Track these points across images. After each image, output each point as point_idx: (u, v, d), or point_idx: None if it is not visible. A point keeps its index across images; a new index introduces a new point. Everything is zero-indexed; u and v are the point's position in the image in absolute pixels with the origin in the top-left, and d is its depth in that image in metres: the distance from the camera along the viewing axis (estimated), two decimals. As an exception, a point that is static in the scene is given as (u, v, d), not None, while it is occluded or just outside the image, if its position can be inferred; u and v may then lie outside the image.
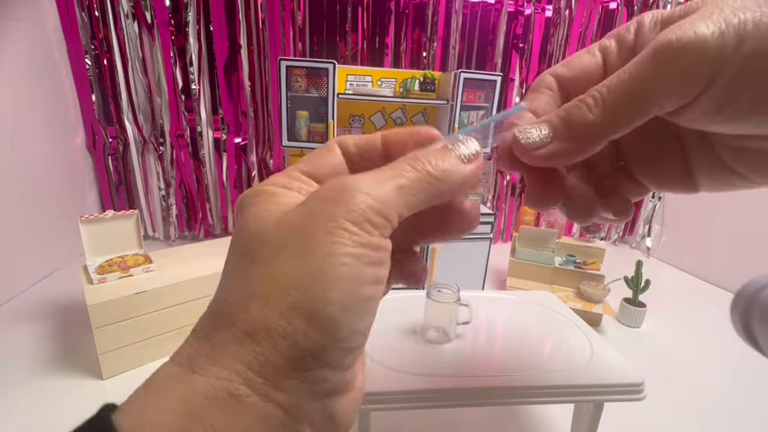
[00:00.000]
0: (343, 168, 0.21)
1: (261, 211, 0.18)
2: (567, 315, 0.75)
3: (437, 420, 0.85)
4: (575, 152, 0.20)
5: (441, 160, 0.19)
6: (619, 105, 0.18)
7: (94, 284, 0.96)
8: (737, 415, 0.93)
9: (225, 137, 1.77)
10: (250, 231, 0.17)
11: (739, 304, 0.32)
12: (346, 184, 0.17)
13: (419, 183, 0.18)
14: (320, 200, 0.17)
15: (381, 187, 0.17)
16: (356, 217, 0.16)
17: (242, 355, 0.15)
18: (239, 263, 0.17)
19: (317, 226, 0.16)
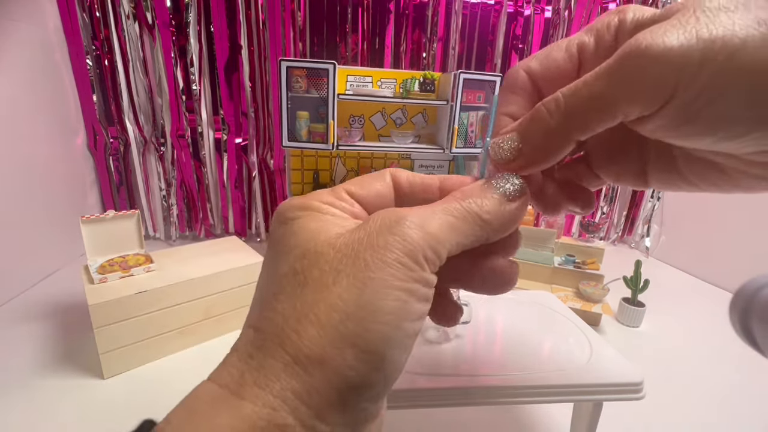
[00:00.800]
0: (389, 198, 0.21)
1: (310, 226, 0.17)
2: (566, 314, 0.76)
3: (437, 419, 0.85)
4: (545, 160, 0.19)
5: (488, 199, 0.19)
6: (579, 111, 0.17)
7: (95, 284, 0.96)
8: (737, 414, 0.93)
9: (226, 137, 1.77)
10: (301, 246, 0.17)
11: (738, 303, 0.32)
12: (403, 215, 0.17)
13: (467, 222, 0.18)
14: (377, 228, 0.16)
15: (434, 221, 0.17)
16: (412, 250, 0.16)
17: (292, 384, 0.14)
18: (290, 280, 0.16)
19: (374, 255, 0.16)
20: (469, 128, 1.42)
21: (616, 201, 2.17)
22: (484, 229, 0.18)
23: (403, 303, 0.16)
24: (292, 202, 0.19)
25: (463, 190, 0.19)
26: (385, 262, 0.16)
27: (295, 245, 0.17)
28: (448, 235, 0.17)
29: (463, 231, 0.18)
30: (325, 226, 0.17)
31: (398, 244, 0.16)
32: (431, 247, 0.16)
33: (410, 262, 0.16)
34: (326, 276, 0.16)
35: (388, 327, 0.15)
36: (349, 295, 0.15)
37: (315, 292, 0.16)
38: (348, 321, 0.15)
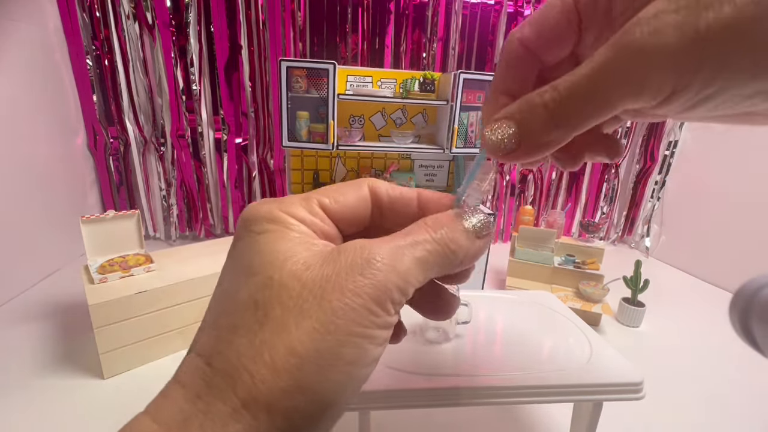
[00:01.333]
0: (365, 212, 0.20)
1: (277, 246, 0.16)
2: (566, 314, 0.76)
3: (437, 419, 0.85)
4: (541, 153, 0.18)
5: (458, 233, 0.18)
6: (578, 107, 0.16)
7: (95, 284, 0.96)
8: (736, 414, 0.93)
9: (226, 137, 1.77)
10: (264, 273, 0.16)
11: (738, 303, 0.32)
12: (374, 255, 0.16)
13: (437, 255, 0.18)
14: (347, 267, 0.16)
15: (404, 260, 0.16)
16: (380, 295, 0.15)
17: (237, 428, 0.14)
18: (249, 314, 0.15)
19: (342, 298, 0.15)
20: (469, 128, 1.42)
21: (616, 201, 2.17)
22: (451, 261, 0.18)
23: (362, 351, 0.15)
24: (260, 210, 0.17)
25: (436, 219, 0.19)
26: (351, 308, 0.15)
27: (259, 268, 0.16)
28: (418, 271, 0.17)
29: (431, 265, 0.17)
30: (293, 249, 0.16)
31: (368, 288, 0.15)
32: (400, 288, 0.16)
33: (377, 308, 0.15)
34: (288, 315, 0.15)
35: (344, 376, 0.15)
36: (309, 340, 0.14)
37: (274, 332, 0.15)
38: (305, 367, 0.14)
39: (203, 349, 0.16)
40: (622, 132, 2.05)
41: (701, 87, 0.14)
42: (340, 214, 0.19)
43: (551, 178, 2.12)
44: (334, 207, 0.19)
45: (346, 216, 0.20)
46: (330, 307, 0.15)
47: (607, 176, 2.12)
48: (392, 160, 1.60)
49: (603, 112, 0.16)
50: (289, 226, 0.17)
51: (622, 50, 0.15)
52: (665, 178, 1.99)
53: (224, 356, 0.15)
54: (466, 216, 0.19)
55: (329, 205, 0.19)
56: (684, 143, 1.92)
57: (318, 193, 0.19)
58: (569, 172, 2.10)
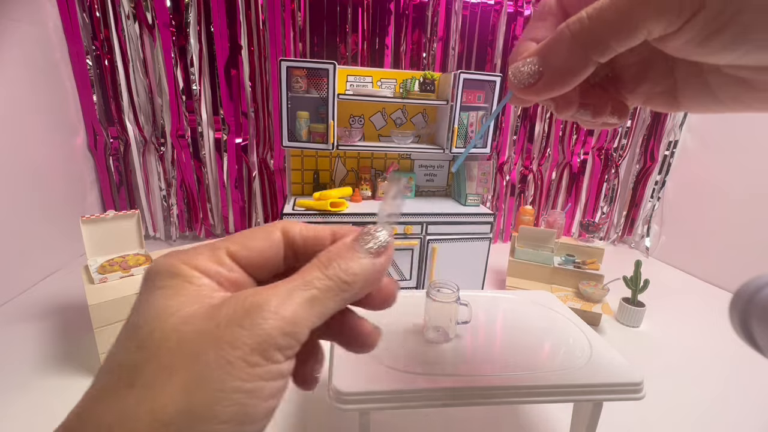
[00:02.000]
0: (277, 256, 0.20)
1: (167, 304, 0.16)
2: (566, 315, 0.76)
3: (437, 419, 0.85)
4: (564, 83, 0.19)
5: (353, 262, 0.18)
6: (603, 29, 0.17)
7: (96, 284, 0.96)
8: (736, 414, 0.93)
9: (226, 137, 1.77)
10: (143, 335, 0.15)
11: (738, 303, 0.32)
12: (255, 304, 0.15)
13: (330, 290, 0.17)
14: (226, 320, 0.15)
15: (292, 303, 0.16)
16: (262, 344, 0.15)
17: None
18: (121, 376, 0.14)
19: (217, 353, 0.14)
20: (469, 128, 1.42)
21: (616, 201, 2.17)
22: (348, 292, 0.18)
23: (242, 407, 0.14)
24: (163, 264, 0.17)
25: (328, 254, 0.18)
26: (227, 361, 0.14)
27: (143, 325, 0.15)
28: (309, 312, 0.16)
29: (325, 302, 0.17)
30: (184, 303, 0.16)
31: (246, 339, 0.15)
32: (287, 333, 0.15)
33: (258, 359, 0.15)
34: (160, 374, 0.14)
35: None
36: (180, 399, 0.13)
37: (141, 395, 0.14)
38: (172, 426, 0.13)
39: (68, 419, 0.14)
40: (622, 132, 2.05)
41: (719, 8, 0.15)
42: (250, 261, 0.19)
43: (551, 178, 2.12)
44: (243, 254, 0.19)
45: (256, 262, 0.19)
46: (204, 361, 0.14)
47: (607, 176, 2.12)
48: (392, 160, 1.60)
49: (628, 35, 0.17)
50: (190, 280, 0.17)
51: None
52: (665, 178, 2.00)
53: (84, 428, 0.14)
54: (360, 240, 0.19)
55: (237, 252, 0.19)
56: (684, 143, 1.92)
57: (226, 242, 0.19)
58: (569, 172, 2.10)
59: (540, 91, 0.20)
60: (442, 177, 1.65)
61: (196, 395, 0.14)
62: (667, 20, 0.16)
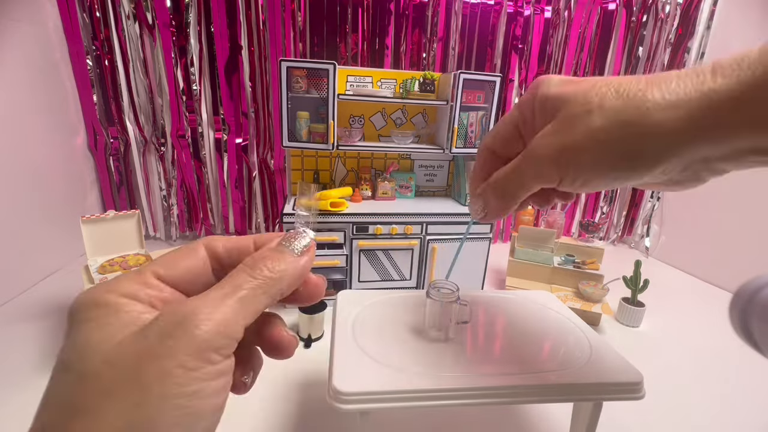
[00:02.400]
0: (204, 271, 0.21)
1: (93, 337, 0.16)
2: (566, 314, 0.76)
3: (436, 419, 0.85)
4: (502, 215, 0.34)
5: (277, 261, 0.20)
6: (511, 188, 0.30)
7: (96, 284, 0.96)
8: (736, 414, 0.93)
9: (226, 137, 1.77)
10: (75, 370, 0.15)
11: (738, 303, 0.32)
12: (186, 314, 0.16)
13: (259, 289, 0.18)
14: (158, 334, 0.15)
15: (222, 306, 0.17)
16: (197, 348, 0.15)
17: None
18: (58, 414, 0.14)
19: (152, 366, 0.15)
20: (469, 128, 1.42)
21: (615, 201, 2.17)
22: (276, 287, 0.19)
23: (188, 410, 0.15)
24: (87, 296, 0.17)
25: (254, 257, 0.20)
26: (165, 372, 0.15)
27: (73, 365, 0.15)
28: (241, 311, 0.17)
29: (255, 300, 0.18)
30: (110, 334, 0.16)
31: (182, 347, 0.15)
32: (222, 334, 0.16)
33: (196, 362, 0.15)
34: (95, 401, 0.14)
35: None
36: (121, 418, 0.14)
37: (85, 425, 0.14)
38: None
39: None
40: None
41: (574, 178, 0.26)
42: (178, 279, 0.20)
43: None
44: (171, 273, 0.20)
45: (185, 279, 0.20)
46: (139, 379, 0.14)
47: (607, 176, 2.12)
48: (392, 160, 1.60)
49: (524, 190, 0.30)
50: (118, 309, 0.17)
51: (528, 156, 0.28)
52: (665, 178, 1.99)
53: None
54: (285, 242, 0.21)
55: (164, 273, 0.20)
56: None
57: (152, 265, 0.20)
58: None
59: (488, 221, 0.35)
60: (442, 177, 1.65)
61: (137, 411, 0.14)
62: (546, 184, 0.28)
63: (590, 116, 0.23)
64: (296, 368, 0.99)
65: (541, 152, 0.26)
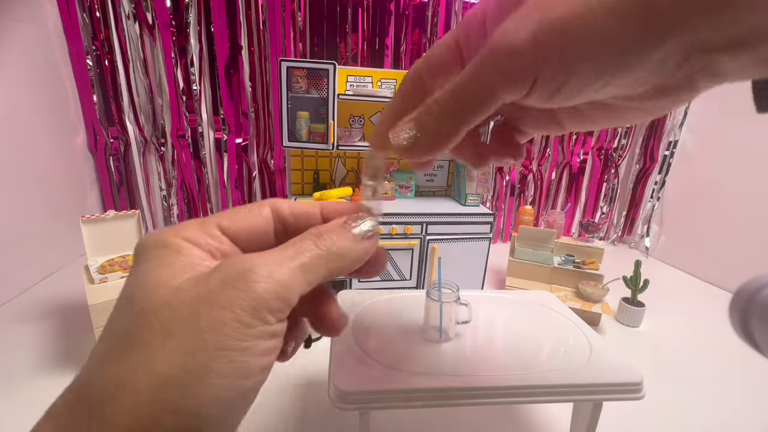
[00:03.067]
0: (267, 232, 0.21)
1: (156, 274, 0.16)
2: (566, 314, 0.76)
3: (437, 419, 0.85)
4: (439, 147, 0.21)
5: (342, 237, 0.19)
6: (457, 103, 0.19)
7: (96, 284, 0.96)
8: (736, 414, 0.93)
9: (226, 137, 1.77)
10: (138, 303, 0.16)
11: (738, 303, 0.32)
12: (248, 268, 0.16)
13: (320, 260, 0.18)
14: (219, 283, 0.16)
15: (283, 268, 0.17)
16: (255, 305, 0.15)
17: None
18: (120, 343, 0.15)
19: (210, 315, 0.15)
20: (469, 128, 1.42)
21: (615, 201, 2.17)
22: (337, 263, 0.19)
23: (239, 363, 0.15)
24: (152, 236, 0.18)
25: (321, 229, 0.20)
26: (222, 323, 0.15)
27: (136, 299, 0.16)
28: (301, 278, 0.17)
29: (315, 270, 0.18)
30: (173, 274, 0.16)
31: (240, 301, 0.15)
32: (279, 296, 0.16)
33: (251, 320, 0.15)
34: (155, 339, 0.15)
35: (222, 390, 0.15)
36: (175, 360, 0.14)
37: (139, 360, 0.14)
38: (170, 388, 0.14)
39: (75, 382, 0.15)
40: (622, 132, 2.05)
41: (556, 72, 0.17)
42: (240, 235, 0.20)
43: (551, 178, 2.12)
44: (233, 228, 0.20)
45: (247, 236, 0.20)
46: (197, 324, 0.15)
47: (606, 176, 2.12)
48: (392, 160, 1.60)
49: (485, 103, 0.19)
50: (179, 250, 0.17)
51: (495, 49, 0.17)
52: (665, 178, 2.00)
53: (89, 388, 0.15)
54: (352, 222, 0.21)
55: (227, 226, 0.20)
56: (684, 143, 1.92)
57: (217, 216, 0.20)
58: (569, 173, 2.11)
59: (418, 155, 0.21)
60: (442, 177, 1.65)
61: (193, 356, 0.14)
62: (510, 94, 0.18)
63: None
64: (296, 368, 0.99)
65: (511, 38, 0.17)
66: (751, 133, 1.61)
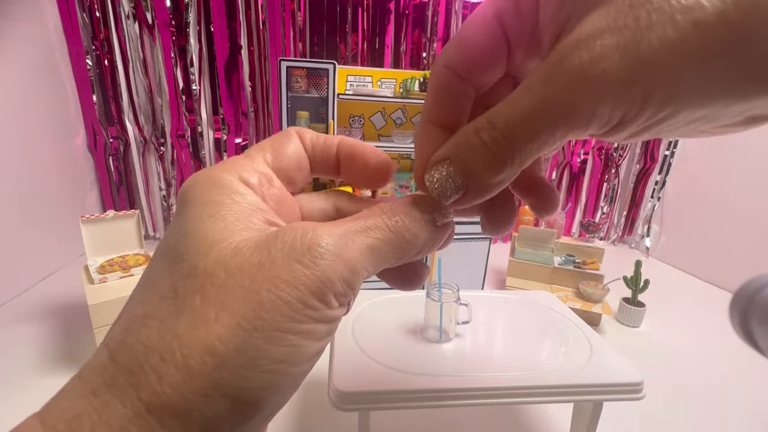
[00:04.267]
0: (303, 160, 0.19)
1: (209, 225, 0.14)
2: (566, 315, 0.76)
3: (437, 419, 0.85)
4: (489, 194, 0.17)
5: (415, 222, 0.17)
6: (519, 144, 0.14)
7: (95, 284, 0.96)
8: (736, 414, 0.93)
9: (225, 137, 1.77)
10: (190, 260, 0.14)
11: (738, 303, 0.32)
12: (316, 239, 0.14)
13: (390, 244, 0.16)
14: (284, 255, 0.14)
15: (352, 247, 0.15)
16: (320, 288, 0.14)
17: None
18: (167, 302, 0.13)
19: (273, 290, 0.13)
20: (469, 128, 1.42)
21: (616, 201, 2.17)
22: (406, 251, 0.17)
23: (296, 348, 0.13)
24: (204, 174, 0.16)
25: (392, 205, 0.17)
26: (284, 301, 0.13)
27: (184, 253, 0.14)
28: (368, 261, 0.15)
29: (383, 254, 0.16)
30: (227, 229, 0.14)
31: (305, 279, 0.13)
32: (345, 280, 0.14)
33: (315, 302, 0.14)
34: (209, 308, 0.13)
35: (274, 375, 0.13)
36: (230, 338, 0.13)
37: (190, 326, 0.13)
38: (224, 368, 0.12)
39: (110, 340, 0.14)
40: (622, 132, 2.05)
41: (652, 114, 0.13)
42: (283, 168, 0.18)
43: (551, 178, 2.12)
44: (277, 160, 0.18)
45: (289, 168, 0.18)
46: (257, 299, 0.13)
47: (607, 176, 2.12)
48: (392, 160, 1.60)
49: (548, 146, 0.14)
50: (234, 193, 0.15)
51: (562, 80, 0.13)
52: (665, 178, 1.99)
53: (130, 349, 0.13)
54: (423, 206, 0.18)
55: (274, 161, 0.17)
56: (684, 143, 1.92)
57: (260, 150, 0.18)
58: (570, 172, 2.10)
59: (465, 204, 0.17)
60: (442, 177, 1.65)
61: (250, 336, 0.13)
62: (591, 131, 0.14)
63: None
64: (296, 368, 0.99)
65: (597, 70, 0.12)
66: (751, 133, 1.60)
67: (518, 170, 0.16)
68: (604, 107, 0.13)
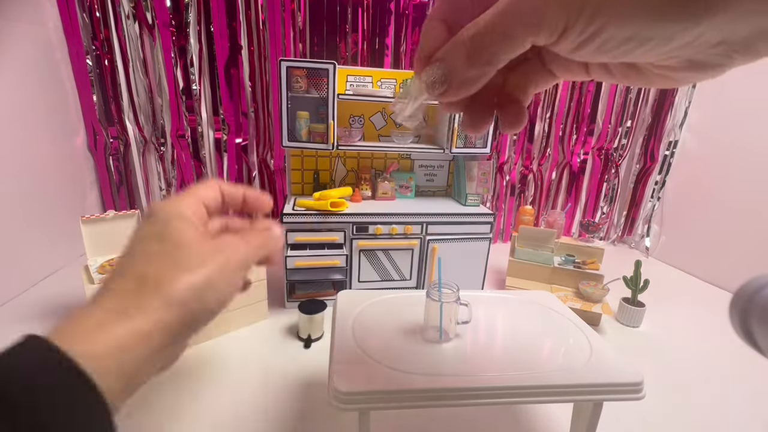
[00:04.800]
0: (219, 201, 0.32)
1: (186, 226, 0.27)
2: (566, 314, 0.76)
3: (437, 419, 0.85)
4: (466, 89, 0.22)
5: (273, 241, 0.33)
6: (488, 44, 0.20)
7: (96, 284, 0.96)
8: (736, 414, 0.93)
9: (226, 137, 1.77)
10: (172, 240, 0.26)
11: (738, 303, 0.32)
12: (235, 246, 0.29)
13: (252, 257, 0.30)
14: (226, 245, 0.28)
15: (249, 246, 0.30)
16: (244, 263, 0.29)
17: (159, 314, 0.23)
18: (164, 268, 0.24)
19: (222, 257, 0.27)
20: (469, 128, 1.42)
21: (616, 201, 2.17)
22: None
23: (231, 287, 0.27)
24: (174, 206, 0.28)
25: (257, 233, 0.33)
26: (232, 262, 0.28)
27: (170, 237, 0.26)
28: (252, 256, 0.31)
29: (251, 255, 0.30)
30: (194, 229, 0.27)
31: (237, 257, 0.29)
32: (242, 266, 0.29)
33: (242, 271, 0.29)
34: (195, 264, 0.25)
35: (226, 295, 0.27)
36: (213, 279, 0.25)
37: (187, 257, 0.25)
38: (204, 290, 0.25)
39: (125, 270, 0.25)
40: (622, 132, 2.05)
41: (586, 24, 0.17)
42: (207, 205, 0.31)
43: (551, 178, 2.12)
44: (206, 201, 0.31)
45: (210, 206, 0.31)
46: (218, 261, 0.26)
47: (607, 176, 2.12)
48: (392, 160, 1.60)
49: (512, 47, 0.20)
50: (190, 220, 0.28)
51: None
52: (665, 178, 2.00)
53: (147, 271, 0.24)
54: None
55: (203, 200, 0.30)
56: (684, 143, 1.92)
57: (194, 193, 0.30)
58: (569, 172, 2.10)
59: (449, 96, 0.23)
60: (442, 177, 1.65)
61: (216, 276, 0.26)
62: (543, 35, 0.18)
63: None
64: (296, 368, 0.99)
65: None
66: (751, 133, 1.61)
67: (489, 69, 0.21)
68: (551, 11, 0.17)
